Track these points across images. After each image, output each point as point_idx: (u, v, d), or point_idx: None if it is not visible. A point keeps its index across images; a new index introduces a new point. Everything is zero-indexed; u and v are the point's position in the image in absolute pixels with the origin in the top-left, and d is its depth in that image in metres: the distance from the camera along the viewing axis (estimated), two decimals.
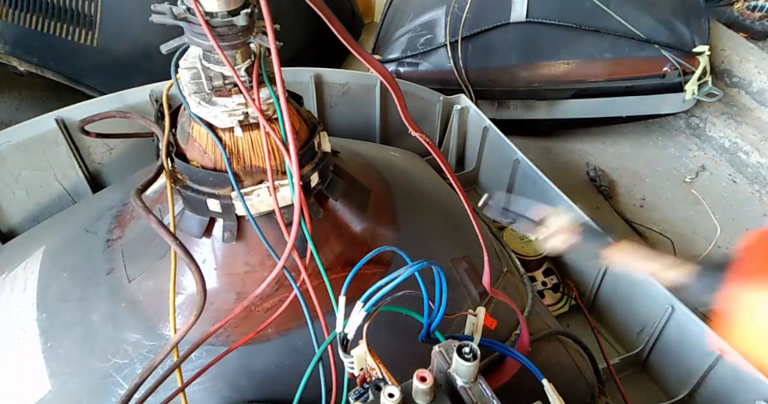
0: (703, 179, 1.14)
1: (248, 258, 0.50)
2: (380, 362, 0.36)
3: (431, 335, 0.41)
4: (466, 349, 0.34)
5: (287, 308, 0.47)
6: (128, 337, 0.50)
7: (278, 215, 0.46)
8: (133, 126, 0.65)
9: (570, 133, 1.23)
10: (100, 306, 0.52)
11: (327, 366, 0.45)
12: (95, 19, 1.01)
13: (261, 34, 0.42)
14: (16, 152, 0.75)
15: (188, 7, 0.39)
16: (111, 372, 0.49)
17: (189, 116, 0.47)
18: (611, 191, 1.12)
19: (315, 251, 0.47)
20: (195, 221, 0.49)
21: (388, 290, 0.35)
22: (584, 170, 1.15)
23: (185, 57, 0.45)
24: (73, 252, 0.59)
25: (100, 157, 0.82)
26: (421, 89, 0.95)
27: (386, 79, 0.35)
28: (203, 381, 0.48)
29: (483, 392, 0.34)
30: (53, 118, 0.75)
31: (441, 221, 0.65)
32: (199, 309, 0.40)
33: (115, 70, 1.05)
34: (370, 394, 0.34)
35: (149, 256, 0.52)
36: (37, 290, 0.56)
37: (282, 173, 0.48)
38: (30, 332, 0.53)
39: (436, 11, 1.15)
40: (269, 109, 0.45)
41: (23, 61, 1.02)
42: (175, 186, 0.48)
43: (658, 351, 0.73)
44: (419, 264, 0.37)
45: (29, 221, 0.79)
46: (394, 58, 1.15)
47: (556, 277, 0.84)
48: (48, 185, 0.79)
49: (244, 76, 0.43)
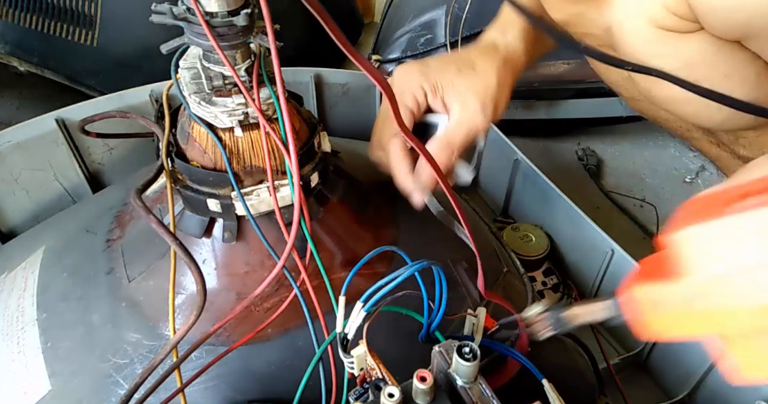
0: (703, 179, 1.14)
1: (248, 258, 0.50)
2: (380, 362, 0.36)
3: (431, 335, 0.41)
4: (466, 349, 0.34)
5: (287, 308, 0.47)
6: (128, 337, 0.50)
7: (278, 215, 0.46)
8: (133, 126, 0.65)
9: (570, 133, 1.23)
10: (100, 306, 0.52)
11: (327, 366, 0.45)
12: (95, 19, 1.01)
13: (261, 34, 0.42)
14: (16, 152, 0.75)
15: (188, 7, 0.39)
16: (111, 372, 0.49)
17: (189, 116, 0.47)
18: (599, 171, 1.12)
19: (315, 251, 0.47)
20: (195, 221, 0.49)
21: (388, 290, 0.35)
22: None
23: (185, 57, 0.45)
24: (73, 252, 0.59)
25: (100, 157, 0.82)
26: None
27: (378, 82, 0.35)
28: (203, 381, 0.48)
29: (483, 392, 0.34)
30: (53, 118, 0.75)
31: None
32: (199, 309, 0.40)
33: (115, 70, 1.05)
34: (370, 394, 0.34)
35: (149, 256, 0.52)
36: (37, 290, 0.56)
37: (282, 173, 0.48)
38: (30, 332, 0.53)
39: (436, 11, 1.15)
40: (269, 109, 0.45)
41: (23, 61, 1.02)
42: (175, 186, 0.48)
43: (658, 351, 0.73)
44: (419, 264, 0.37)
45: (29, 221, 0.79)
46: (394, 58, 1.15)
47: (556, 277, 0.84)
48: (48, 185, 0.79)
49: (244, 76, 0.43)
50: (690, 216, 0.30)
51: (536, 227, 0.85)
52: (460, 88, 0.54)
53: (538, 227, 0.84)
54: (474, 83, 0.55)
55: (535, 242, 0.82)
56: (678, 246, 0.29)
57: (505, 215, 0.95)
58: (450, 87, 0.54)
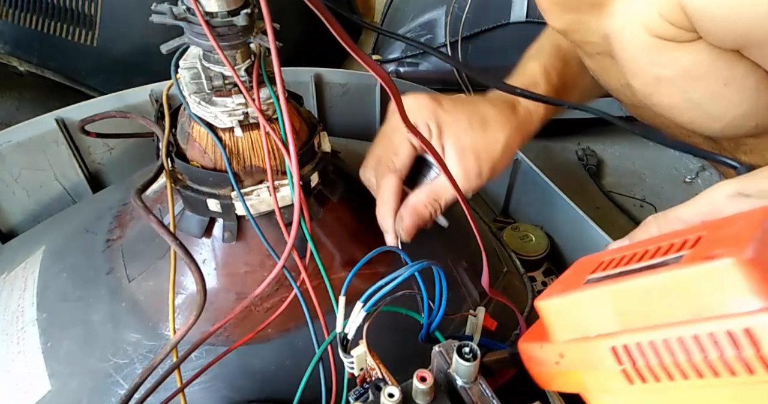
0: (703, 179, 1.14)
1: (248, 258, 0.50)
2: (380, 362, 0.36)
3: (431, 335, 0.41)
4: (466, 349, 0.34)
5: (287, 308, 0.47)
6: (128, 337, 0.50)
7: (278, 215, 0.46)
8: (133, 126, 0.65)
9: (570, 133, 1.23)
10: (100, 306, 0.52)
11: (327, 366, 0.45)
12: (95, 19, 1.01)
13: (261, 34, 0.42)
14: (16, 152, 0.75)
15: (188, 7, 0.39)
16: (111, 372, 0.49)
17: (189, 116, 0.47)
18: (599, 171, 1.12)
19: (315, 251, 0.47)
20: (195, 221, 0.49)
21: (388, 290, 0.35)
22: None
23: (185, 57, 0.45)
24: (73, 252, 0.59)
25: (100, 157, 0.82)
26: (421, 89, 0.95)
27: (384, 82, 0.35)
28: (203, 381, 0.48)
29: (483, 392, 0.34)
30: (53, 118, 0.75)
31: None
32: (199, 309, 0.40)
33: (115, 70, 1.05)
34: (370, 394, 0.34)
35: (149, 256, 0.52)
36: (37, 290, 0.56)
37: (282, 173, 0.48)
38: (30, 332, 0.53)
39: (436, 11, 1.15)
40: (269, 109, 0.45)
41: (23, 61, 1.02)
42: (175, 186, 0.48)
43: None
44: (419, 264, 0.37)
45: (29, 221, 0.79)
46: (394, 58, 1.15)
47: (556, 277, 0.84)
48: (48, 185, 0.79)
49: (244, 76, 0.43)
50: (557, 285, 0.33)
51: (536, 227, 0.84)
52: (464, 144, 0.51)
53: (538, 227, 0.84)
54: (479, 144, 0.52)
55: (535, 242, 0.82)
56: (543, 314, 0.33)
57: (505, 215, 0.95)
58: (454, 139, 0.52)
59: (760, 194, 0.35)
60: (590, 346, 0.30)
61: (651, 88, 0.53)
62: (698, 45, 0.47)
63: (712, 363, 0.25)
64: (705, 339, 0.25)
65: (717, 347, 0.25)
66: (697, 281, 0.25)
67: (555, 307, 0.32)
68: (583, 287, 0.30)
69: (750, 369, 0.24)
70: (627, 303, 0.28)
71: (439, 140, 0.52)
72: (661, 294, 0.27)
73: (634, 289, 0.28)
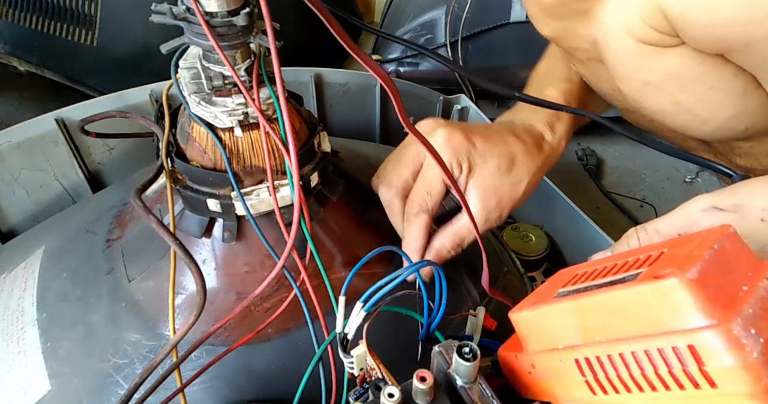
0: (703, 179, 1.14)
1: (248, 258, 0.50)
2: (380, 362, 0.36)
3: (431, 335, 0.41)
4: (466, 349, 0.33)
5: (287, 308, 0.47)
6: (128, 337, 0.50)
7: (278, 215, 0.46)
8: (133, 126, 0.65)
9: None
10: (100, 306, 0.52)
11: (327, 366, 0.45)
12: (95, 19, 1.01)
13: (261, 34, 0.42)
14: (16, 152, 0.75)
15: (188, 7, 0.39)
16: (111, 372, 0.49)
17: (189, 116, 0.47)
18: (599, 171, 1.12)
19: (315, 251, 0.47)
20: (195, 221, 0.49)
21: (388, 290, 0.35)
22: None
23: (185, 57, 0.45)
24: (73, 252, 0.59)
25: (100, 157, 0.82)
26: (421, 89, 0.95)
27: (384, 82, 0.35)
28: (203, 381, 0.48)
29: (483, 392, 0.34)
30: (53, 118, 0.75)
31: None
32: (199, 309, 0.40)
33: (115, 70, 1.05)
34: (370, 394, 0.34)
35: (149, 256, 0.52)
36: (37, 290, 0.56)
37: (282, 173, 0.48)
38: (30, 332, 0.53)
39: (436, 11, 1.15)
40: (269, 109, 0.45)
41: (23, 61, 1.02)
42: (175, 186, 0.48)
43: None
44: (419, 264, 0.37)
45: (29, 221, 0.79)
46: (394, 58, 1.15)
47: None
48: (48, 185, 0.79)
49: (244, 76, 0.43)
50: (531, 297, 0.35)
51: (536, 227, 0.85)
52: (488, 187, 0.52)
53: (538, 227, 0.84)
54: (503, 189, 0.53)
55: (535, 242, 0.82)
56: (516, 325, 0.35)
57: None
58: (480, 180, 0.52)
59: (733, 208, 0.37)
60: (557, 357, 0.31)
61: (640, 92, 0.53)
62: (682, 50, 0.47)
63: (662, 378, 0.27)
64: (655, 354, 0.27)
65: (666, 362, 0.26)
66: (647, 299, 0.27)
67: (526, 319, 0.34)
68: (551, 300, 0.32)
69: (695, 383, 0.25)
70: (589, 318, 0.30)
71: (465, 179, 0.52)
72: (618, 310, 0.28)
73: (595, 304, 0.29)
